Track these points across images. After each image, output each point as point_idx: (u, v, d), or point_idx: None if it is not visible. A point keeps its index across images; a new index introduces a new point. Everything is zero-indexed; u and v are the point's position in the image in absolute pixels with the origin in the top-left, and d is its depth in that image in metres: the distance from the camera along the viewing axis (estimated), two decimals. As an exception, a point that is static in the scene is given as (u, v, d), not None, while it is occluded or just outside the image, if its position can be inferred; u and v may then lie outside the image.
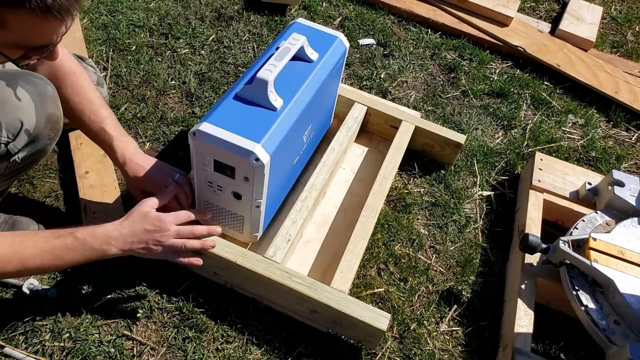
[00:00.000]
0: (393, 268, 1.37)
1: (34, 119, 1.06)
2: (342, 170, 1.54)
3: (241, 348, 1.17)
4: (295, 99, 1.15)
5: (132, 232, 1.06)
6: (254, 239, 1.26)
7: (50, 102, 1.10)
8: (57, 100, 1.13)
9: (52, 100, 1.11)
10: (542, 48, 2.10)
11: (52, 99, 1.11)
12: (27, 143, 1.07)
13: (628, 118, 1.94)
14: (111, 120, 1.21)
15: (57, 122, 1.13)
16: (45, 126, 1.09)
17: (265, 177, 1.07)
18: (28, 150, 1.08)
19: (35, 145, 1.09)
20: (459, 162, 1.66)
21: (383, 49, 2.04)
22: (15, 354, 1.09)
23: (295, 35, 1.17)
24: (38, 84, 1.09)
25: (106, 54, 1.80)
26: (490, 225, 1.52)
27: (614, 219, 1.32)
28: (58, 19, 0.73)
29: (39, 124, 1.07)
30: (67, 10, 0.73)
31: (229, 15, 2.04)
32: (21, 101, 1.04)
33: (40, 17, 0.70)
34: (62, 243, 1.01)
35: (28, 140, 1.07)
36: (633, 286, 1.13)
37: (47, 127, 1.10)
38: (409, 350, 1.22)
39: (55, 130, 1.13)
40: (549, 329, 1.29)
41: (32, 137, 1.07)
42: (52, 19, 0.72)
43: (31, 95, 1.06)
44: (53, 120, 1.11)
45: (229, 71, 1.83)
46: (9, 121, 1.02)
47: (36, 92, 1.07)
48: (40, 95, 1.08)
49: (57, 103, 1.13)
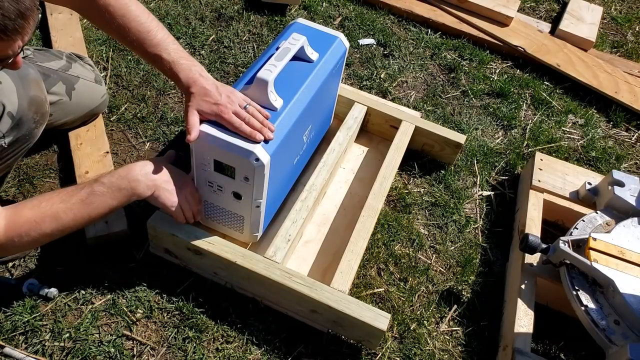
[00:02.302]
0: (393, 268, 1.37)
1: (17, 102, 1.06)
2: (342, 170, 1.54)
3: (241, 348, 1.17)
4: (295, 99, 1.15)
5: (156, 167, 1.06)
6: (254, 239, 1.26)
7: (33, 84, 1.10)
8: (41, 83, 1.13)
9: (35, 83, 1.10)
10: (542, 48, 2.10)
11: (35, 81, 1.11)
12: (12, 127, 1.06)
13: (628, 118, 1.94)
14: (165, 44, 1.09)
15: (42, 104, 1.12)
16: (28, 108, 1.08)
17: (265, 177, 1.07)
18: (14, 134, 1.08)
19: (20, 129, 1.09)
20: (459, 162, 1.66)
21: (383, 49, 2.04)
22: (15, 354, 1.09)
23: (295, 35, 1.17)
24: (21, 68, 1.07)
25: (106, 54, 1.79)
26: (490, 225, 1.52)
27: (614, 219, 1.32)
28: (4, 40, 0.72)
29: (21, 106, 1.06)
30: (14, 31, 0.72)
31: (229, 15, 2.04)
32: (2, 84, 1.04)
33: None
34: (88, 191, 1.00)
35: (12, 123, 1.06)
36: (633, 286, 1.13)
37: (31, 109, 1.09)
38: (409, 350, 1.22)
39: (41, 113, 1.12)
40: (549, 329, 1.29)
41: (17, 120, 1.06)
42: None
43: (12, 78, 1.06)
44: (37, 103, 1.10)
45: (229, 71, 1.83)
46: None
47: (17, 75, 1.06)
48: (21, 78, 1.07)
49: (41, 86, 1.12)
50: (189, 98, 1.04)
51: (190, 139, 1.01)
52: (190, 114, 1.03)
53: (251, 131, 1.02)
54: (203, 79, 1.05)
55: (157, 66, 1.08)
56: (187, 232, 1.19)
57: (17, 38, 0.74)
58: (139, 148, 1.54)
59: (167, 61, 1.06)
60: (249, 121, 1.03)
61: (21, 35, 0.74)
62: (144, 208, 1.37)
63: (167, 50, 1.06)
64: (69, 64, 1.40)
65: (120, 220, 1.30)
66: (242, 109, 1.04)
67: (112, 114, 1.61)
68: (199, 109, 1.03)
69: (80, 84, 1.40)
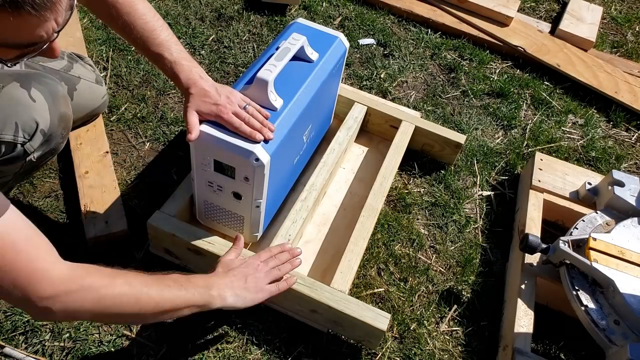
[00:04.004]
0: (393, 268, 1.37)
1: (48, 119, 1.10)
2: (342, 170, 1.54)
3: (241, 348, 1.17)
4: (295, 99, 1.15)
5: (227, 275, 1.04)
6: (254, 239, 1.26)
7: (62, 101, 1.14)
8: (68, 99, 1.16)
9: (64, 100, 1.14)
10: (542, 48, 2.10)
11: (64, 98, 1.14)
12: (42, 142, 1.10)
13: (628, 118, 1.94)
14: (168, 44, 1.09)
15: (69, 120, 1.17)
16: (58, 125, 1.12)
17: (265, 177, 1.07)
18: (42, 149, 1.12)
19: (49, 144, 1.13)
20: (459, 162, 1.66)
21: (383, 49, 2.04)
22: (15, 354, 1.09)
23: (295, 35, 1.17)
24: (50, 85, 1.12)
25: (106, 53, 1.79)
26: (490, 225, 1.52)
27: (614, 219, 1.32)
28: (34, 15, 0.66)
29: (52, 123, 1.10)
30: (43, 5, 0.66)
31: (229, 15, 2.04)
32: (36, 102, 1.08)
33: (12, 13, 0.64)
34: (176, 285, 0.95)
35: (43, 139, 1.10)
36: (633, 286, 1.13)
37: (60, 126, 1.13)
38: (409, 350, 1.22)
39: (67, 128, 1.17)
40: (549, 329, 1.29)
41: (47, 136, 1.11)
42: (26, 15, 0.65)
43: (44, 96, 1.09)
44: (66, 119, 1.15)
45: (229, 71, 1.83)
46: (25, 122, 1.06)
47: (49, 92, 1.11)
48: (52, 96, 1.11)
49: (68, 102, 1.16)
50: (189, 99, 1.04)
51: (190, 138, 1.01)
52: (189, 114, 1.03)
53: (251, 131, 1.02)
54: (203, 80, 1.06)
55: (159, 65, 1.09)
56: (187, 232, 1.19)
57: (49, 16, 0.69)
58: (138, 148, 1.54)
59: (169, 61, 1.06)
60: (249, 121, 1.03)
61: (52, 13, 0.69)
62: (144, 208, 1.37)
63: (169, 50, 1.07)
64: (71, 65, 1.41)
65: (120, 220, 1.30)
66: (241, 109, 1.05)
67: (112, 114, 1.61)
68: (199, 109, 1.03)
69: (81, 85, 1.40)
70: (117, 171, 1.44)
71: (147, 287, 0.89)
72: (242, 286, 1.03)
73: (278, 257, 1.12)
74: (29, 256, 0.78)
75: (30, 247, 0.79)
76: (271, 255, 1.11)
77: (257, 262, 1.08)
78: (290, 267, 1.12)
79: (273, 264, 1.10)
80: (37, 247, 0.80)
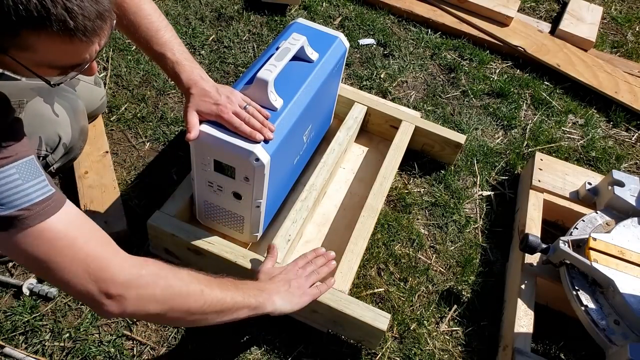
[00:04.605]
0: (393, 268, 1.37)
1: (70, 133, 1.18)
2: (342, 170, 1.54)
3: (241, 348, 1.17)
4: (295, 99, 1.15)
5: (273, 281, 1.06)
6: (254, 239, 1.26)
7: (82, 115, 1.24)
8: (85, 112, 1.27)
9: (83, 114, 1.25)
10: (542, 48, 2.10)
11: (83, 112, 1.25)
12: (63, 155, 1.19)
13: (628, 118, 1.94)
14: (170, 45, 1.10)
15: (87, 132, 1.28)
16: (78, 138, 1.22)
17: (265, 177, 1.07)
18: (62, 160, 1.20)
19: (69, 155, 1.22)
20: (459, 162, 1.66)
21: (383, 49, 2.04)
22: (15, 354, 1.09)
23: (295, 35, 1.17)
24: (71, 99, 1.22)
25: (106, 53, 1.79)
26: (490, 225, 1.52)
27: (614, 219, 1.32)
28: (84, 41, 0.69)
29: (73, 137, 1.20)
30: (93, 32, 0.69)
31: (229, 15, 2.04)
32: (59, 117, 1.17)
33: (64, 39, 0.67)
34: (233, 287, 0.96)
35: (64, 152, 1.19)
36: (633, 286, 1.13)
37: (80, 138, 1.23)
38: (409, 350, 1.22)
39: (85, 140, 1.27)
40: (549, 329, 1.29)
41: (68, 149, 1.19)
42: (77, 41, 0.68)
43: (67, 111, 1.19)
44: (85, 132, 1.25)
45: (229, 71, 1.83)
46: (49, 136, 1.14)
47: (70, 107, 1.20)
48: (74, 110, 1.20)
49: (86, 115, 1.26)
50: (189, 99, 1.05)
51: (189, 138, 1.02)
52: (189, 114, 1.04)
53: (251, 131, 1.02)
54: (203, 81, 1.07)
55: (160, 65, 1.10)
56: (187, 232, 1.19)
57: (95, 40, 0.72)
58: (138, 148, 1.54)
59: (171, 61, 1.07)
60: (249, 121, 1.03)
61: (99, 37, 0.72)
62: (144, 208, 1.37)
63: (172, 51, 1.08)
64: None
65: (120, 220, 1.30)
66: (241, 109, 1.05)
67: (112, 113, 1.61)
68: (199, 109, 1.04)
69: (80, 87, 1.40)
70: (117, 171, 1.44)
71: (208, 282, 0.91)
72: (288, 291, 1.05)
73: (314, 262, 1.14)
74: (97, 245, 0.79)
75: (96, 236, 0.80)
76: (308, 261, 1.13)
77: (296, 269, 1.10)
78: (327, 269, 1.14)
79: (311, 269, 1.12)
80: (102, 237, 0.82)
